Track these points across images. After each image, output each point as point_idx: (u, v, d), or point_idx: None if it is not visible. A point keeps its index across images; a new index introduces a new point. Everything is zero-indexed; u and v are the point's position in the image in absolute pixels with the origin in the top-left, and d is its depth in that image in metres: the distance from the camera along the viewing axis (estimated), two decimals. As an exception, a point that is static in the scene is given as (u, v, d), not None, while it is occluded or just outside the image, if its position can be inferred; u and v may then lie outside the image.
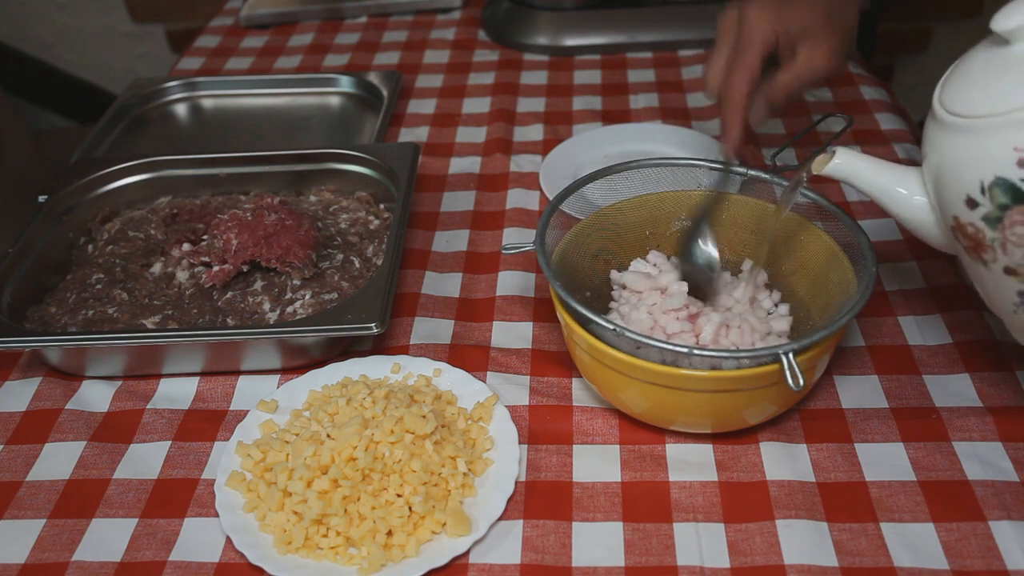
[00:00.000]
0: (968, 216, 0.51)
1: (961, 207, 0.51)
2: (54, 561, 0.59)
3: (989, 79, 0.50)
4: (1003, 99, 0.48)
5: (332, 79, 1.13)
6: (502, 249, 0.68)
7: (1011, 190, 0.48)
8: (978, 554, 0.55)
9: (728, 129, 0.70)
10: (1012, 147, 0.47)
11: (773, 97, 0.69)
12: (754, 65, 0.67)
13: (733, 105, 0.68)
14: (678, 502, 0.60)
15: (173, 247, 0.81)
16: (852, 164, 0.58)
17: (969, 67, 0.52)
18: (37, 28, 2.03)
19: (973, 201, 0.50)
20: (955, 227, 0.53)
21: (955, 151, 0.51)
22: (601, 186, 0.72)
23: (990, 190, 0.49)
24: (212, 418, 0.68)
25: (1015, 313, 0.53)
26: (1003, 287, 0.52)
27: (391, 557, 0.56)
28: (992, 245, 0.50)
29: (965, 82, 0.52)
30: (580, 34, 1.21)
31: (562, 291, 0.60)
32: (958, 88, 0.52)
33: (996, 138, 0.48)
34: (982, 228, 0.50)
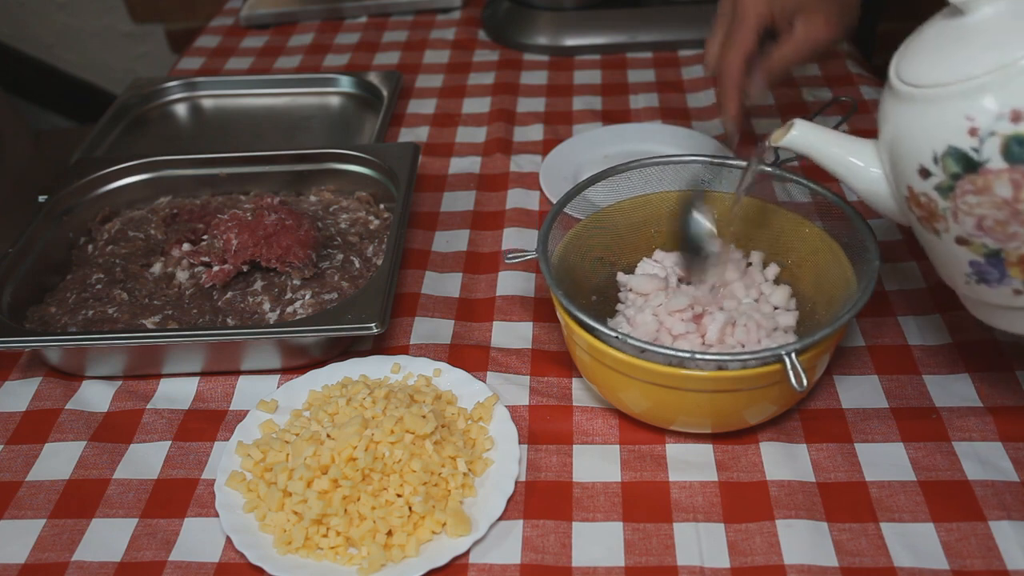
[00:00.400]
0: (921, 186, 0.51)
1: (914, 177, 0.51)
2: (54, 561, 0.59)
3: (942, 49, 0.50)
4: (955, 69, 0.49)
5: (332, 79, 1.13)
6: (505, 259, 0.68)
7: (962, 159, 0.48)
8: (978, 554, 0.55)
9: (725, 103, 0.70)
10: (964, 116, 0.48)
11: (771, 71, 0.69)
12: (748, 40, 0.67)
13: (728, 80, 0.68)
14: (678, 502, 0.60)
15: (173, 247, 0.81)
16: (809, 136, 0.58)
17: (924, 38, 0.53)
18: (37, 28, 2.03)
19: (926, 171, 0.50)
20: (909, 197, 0.53)
21: (909, 121, 0.51)
22: (601, 186, 0.72)
23: (942, 159, 0.49)
24: (212, 418, 0.68)
25: (967, 284, 0.54)
26: (955, 257, 0.52)
27: (391, 557, 0.56)
28: (944, 215, 0.51)
29: (920, 53, 0.52)
30: (580, 34, 1.20)
31: (564, 300, 0.60)
32: (913, 59, 0.52)
33: (948, 107, 0.48)
34: (934, 198, 0.51)
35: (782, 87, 1.07)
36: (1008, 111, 0.46)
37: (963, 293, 0.56)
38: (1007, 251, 0.49)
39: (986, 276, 0.52)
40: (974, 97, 0.47)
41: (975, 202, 0.49)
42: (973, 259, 0.51)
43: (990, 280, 0.52)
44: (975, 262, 0.52)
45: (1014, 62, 0.46)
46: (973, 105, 0.47)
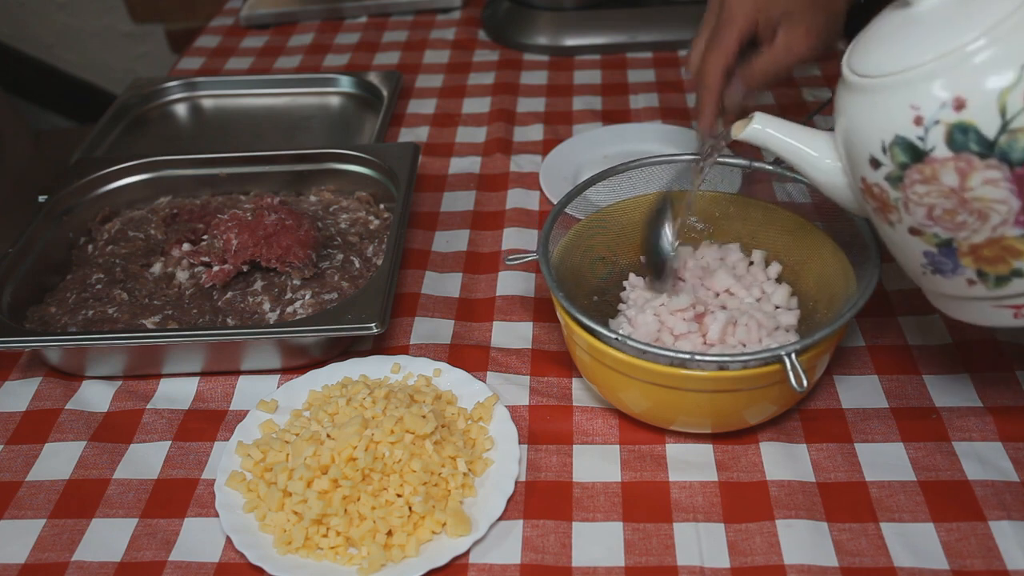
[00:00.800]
0: (873, 176, 0.51)
1: (866, 168, 0.51)
2: (54, 561, 0.59)
3: (890, 39, 0.50)
4: (901, 58, 0.49)
5: (332, 79, 1.13)
6: (505, 261, 0.68)
7: (909, 148, 0.48)
8: (978, 554, 0.55)
9: (701, 109, 0.69)
10: (908, 105, 0.48)
11: (750, 79, 0.68)
12: (729, 47, 0.66)
13: (707, 86, 0.67)
14: (678, 502, 0.60)
15: (173, 247, 0.81)
16: (768, 128, 0.58)
17: (874, 30, 0.53)
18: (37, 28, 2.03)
19: (876, 161, 0.50)
20: (863, 188, 0.53)
21: (859, 111, 0.51)
22: (601, 186, 0.72)
23: (890, 149, 0.49)
24: (212, 418, 0.68)
25: (924, 275, 0.54)
26: (910, 248, 0.52)
27: (391, 557, 0.56)
28: (896, 205, 0.51)
29: (869, 44, 0.52)
30: (580, 34, 1.20)
31: (565, 302, 0.60)
32: (863, 50, 0.52)
33: (894, 97, 0.48)
34: (886, 188, 0.51)
35: (782, 87, 1.07)
36: (951, 99, 0.46)
37: (922, 285, 0.56)
38: (958, 240, 0.49)
39: (940, 267, 0.52)
40: (918, 86, 0.47)
41: (924, 191, 0.49)
42: (927, 249, 0.51)
43: (944, 271, 0.52)
44: (929, 252, 0.51)
45: (956, 49, 0.46)
46: (917, 94, 0.47)
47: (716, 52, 0.66)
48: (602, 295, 0.71)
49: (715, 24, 0.67)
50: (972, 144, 0.46)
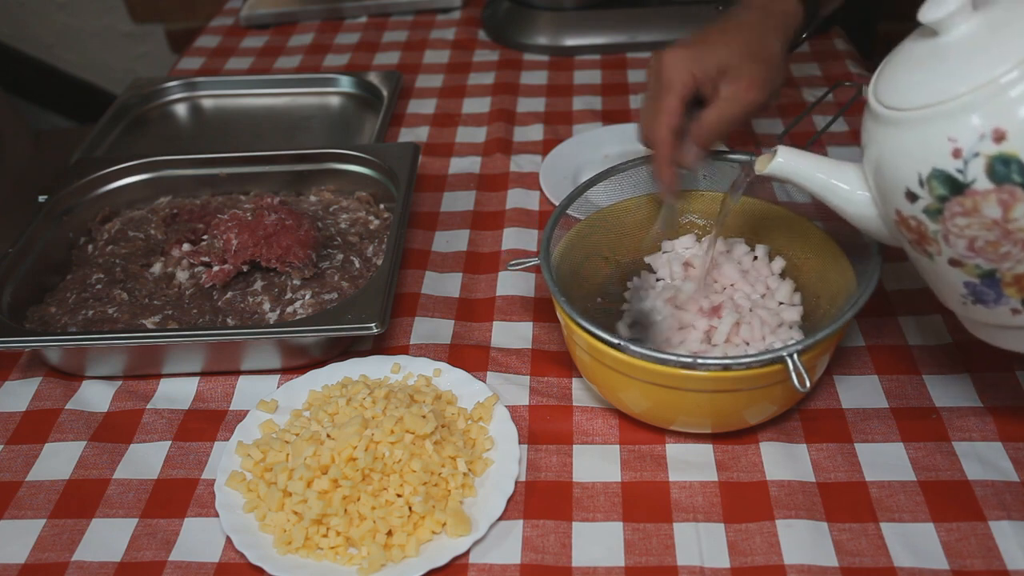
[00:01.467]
0: (909, 209, 0.51)
1: (902, 200, 0.51)
2: (54, 561, 0.59)
3: (921, 70, 0.50)
4: (935, 90, 0.48)
5: (332, 79, 1.13)
6: (507, 266, 0.68)
7: (948, 181, 0.48)
8: (978, 554, 0.55)
9: (658, 175, 0.68)
10: (946, 137, 0.47)
11: (700, 138, 0.67)
12: (672, 109, 0.66)
13: (659, 149, 0.67)
14: (678, 502, 0.60)
15: (173, 247, 0.81)
16: (794, 162, 0.58)
17: (901, 59, 0.53)
18: (37, 28, 2.03)
19: (913, 194, 0.50)
20: (898, 220, 0.53)
21: (892, 144, 0.51)
22: (602, 185, 0.72)
23: (928, 182, 0.49)
24: (212, 418, 0.68)
25: (964, 305, 0.53)
26: (950, 279, 0.52)
27: (391, 557, 0.56)
28: (935, 237, 0.50)
29: (897, 75, 0.52)
30: (580, 34, 1.20)
31: (567, 307, 0.60)
32: (891, 81, 0.52)
33: (930, 130, 0.48)
34: (924, 221, 0.50)
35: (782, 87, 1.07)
36: (991, 130, 0.46)
37: (961, 314, 0.56)
38: (1001, 271, 0.49)
39: (982, 297, 0.51)
40: (956, 118, 0.47)
41: (965, 224, 0.48)
42: (968, 280, 0.51)
43: (986, 301, 0.51)
44: (970, 283, 0.51)
45: (994, 80, 0.46)
46: (955, 126, 0.47)
47: (660, 116, 0.66)
48: (604, 296, 0.71)
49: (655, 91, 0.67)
50: (1015, 175, 0.46)
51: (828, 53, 1.16)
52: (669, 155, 0.67)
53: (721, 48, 0.66)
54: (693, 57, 0.65)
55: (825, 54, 1.16)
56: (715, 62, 0.65)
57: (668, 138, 0.66)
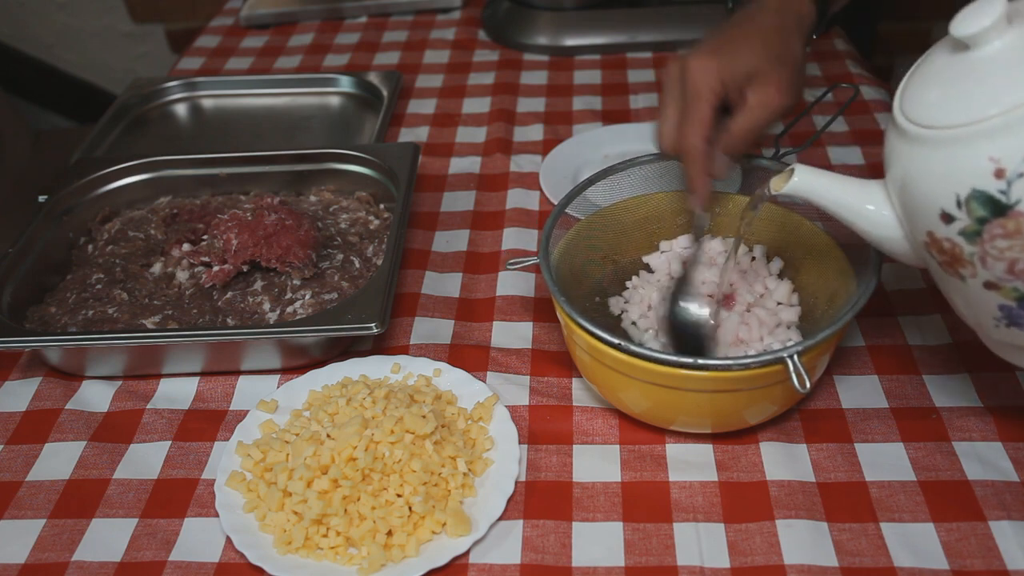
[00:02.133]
0: (944, 231, 0.49)
1: (935, 222, 0.49)
2: (54, 561, 0.59)
3: (954, 87, 0.48)
4: (972, 108, 0.46)
5: (332, 79, 1.13)
6: (506, 265, 0.68)
7: (989, 202, 0.46)
8: (978, 554, 0.55)
9: (694, 186, 0.67)
10: (987, 157, 0.45)
11: (731, 146, 0.66)
12: (706, 117, 0.64)
13: (693, 160, 0.65)
14: (678, 502, 0.60)
15: (173, 247, 0.81)
16: (811, 181, 0.56)
17: (929, 75, 0.51)
18: (37, 28, 2.03)
19: (949, 216, 0.48)
20: (928, 242, 0.51)
21: (924, 164, 0.49)
22: (601, 185, 0.72)
23: (967, 203, 0.47)
24: (212, 418, 0.68)
25: (996, 327, 0.52)
26: (983, 302, 0.50)
27: (391, 557, 0.56)
28: (971, 260, 0.48)
29: (927, 91, 0.50)
30: (580, 34, 1.21)
31: (567, 306, 0.60)
32: (920, 97, 0.50)
33: (969, 149, 0.46)
34: (959, 243, 0.48)
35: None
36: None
37: (989, 336, 0.54)
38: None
39: (1018, 320, 0.50)
40: (997, 137, 0.45)
41: (1006, 246, 0.46)
42: (1004, 303, 0.49)
43: (1022, 324, 0.50)
44: (1006, 306, 0.49)
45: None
46: (997, 145, 0.45)
47: (693, 125, 0.65)
48: (603, 295, 0.71)
49: (682, 100, 0.66)
50: None
51: (828, 53, 1.16)
52: (704, 166, 0.65)
53: (747, 53, 0.64)
54: (720, 63, 0.64)
55: (825, 54, 1.16)
56: (743, 68, 0.64)
57: (703, 148, 0.65)
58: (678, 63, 0.66)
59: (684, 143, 0.65)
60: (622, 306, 0.71)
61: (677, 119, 0.66)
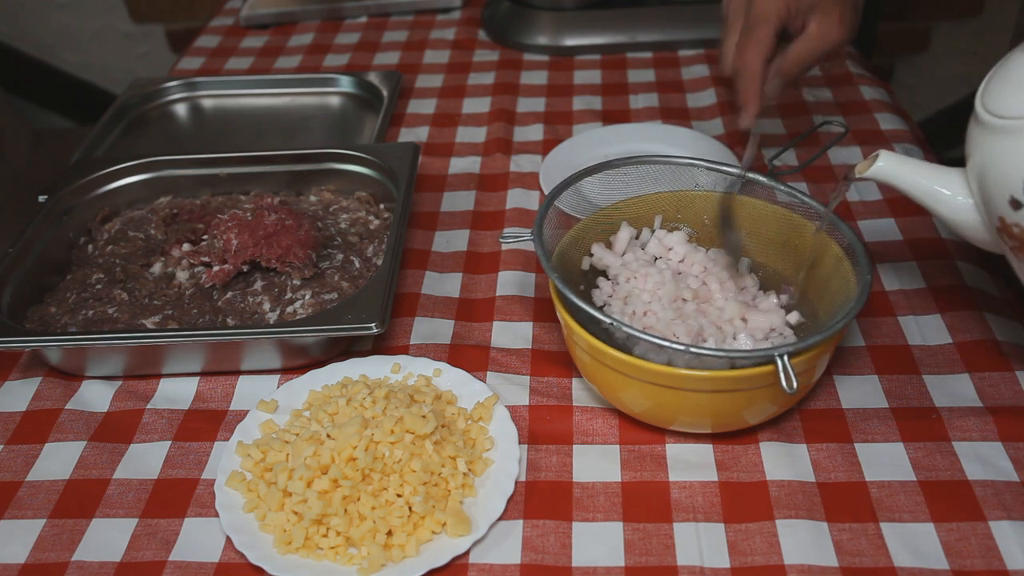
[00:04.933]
0: (1013, 216, 0.51)
1: (1005, 207, 0.51)
2: (54, 561, 0.59)
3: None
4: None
5: (332, 79, 1.13)
6: (499, 239, 0.68)
7: None
8: (978, 554, 0.55)
9: (747, 102, 0.71)
10: None
11: (787, 70, 0.70)
12: (768, 39, 0.68)
13: (750, 78, 0.69)
14: (678, 502, 0.60)
15: (173, 247, 0.81)
16: (894, 167, 0.59)
17: (1010, 70, 0.53)
18: (37, 28, 2.03)
19: (1017, 201, 0.50)
20: (1000, 228, 0.53)
21: (997, 152, 0.51)
22: (601, 186, 0.72)
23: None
24: (212, 418, 0.68)
25: None
26: None
27: (391, 557, 0.56)
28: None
29: (1007, 84, 0.52)
30: (580, 34, 1.21)
31: (559, 282, 0.60)
32: (1000, 90, 0.52)
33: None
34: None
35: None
36: None
37: None
38: None
39: None
40: None
41: None
42: None
43: None
44: None
45: None
46: None
47: (755, 46, 0.69)
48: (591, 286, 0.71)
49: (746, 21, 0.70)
50: None
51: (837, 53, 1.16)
52: (760, 86, 0.69)
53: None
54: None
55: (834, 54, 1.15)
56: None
57: (761, 69, 0.69)
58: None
59: (743, 61, 0.69)
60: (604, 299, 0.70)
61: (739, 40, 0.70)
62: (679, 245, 0.71)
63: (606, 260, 0.69)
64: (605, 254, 0.70)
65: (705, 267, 0.69)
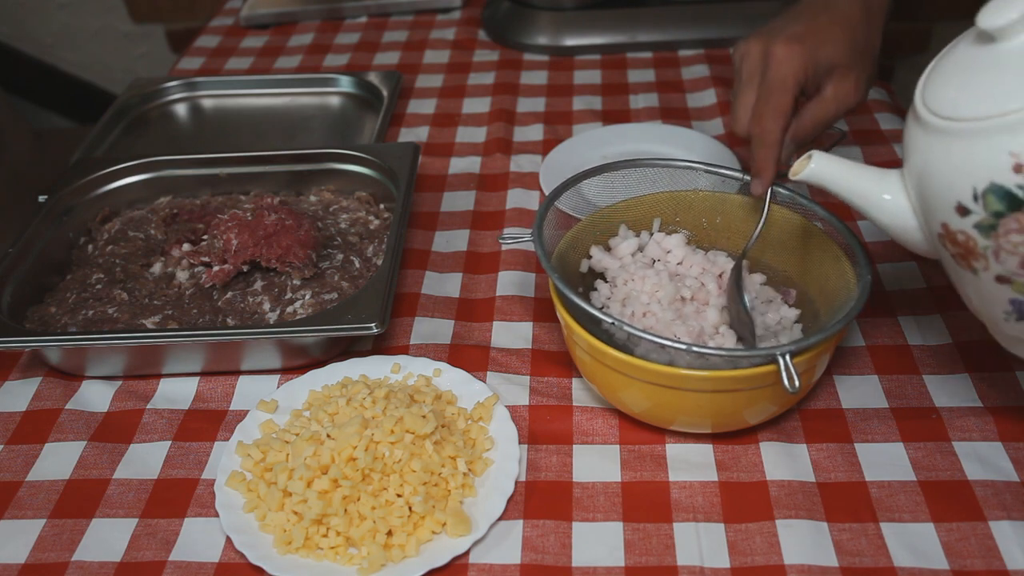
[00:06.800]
0: (959, 223, 0.49)
1: (950, 214, 0.49)
2: (54, 561, 0.59)
3: (976, 79, 0.48)
4: (995, 101, 0.46)
5: (332, 79, 1.13)
6: (499, 239, 0.68)
7: (1007, 197, 0.46)
8: (978, 554, 0.55)
9: (763, 171, 0.67)
10: (1008, 152, 0.45)
11: (802, 134, 0.67)
12: (787, 106, 0.65)
13: (768, 147, 0.66)
14: (678, 502, 0.60)
15: (173, 247, 0.81)
16: (828, 168, 0.56)
17: (953, 66, 0.50)
18: (37, 28, 2.03)
19: (964, 208, 0.48)
20: (943, 234, 0.51)
21: (943, 156, 0.49)
22: (600, 186, 0.72)
23: (984, 197, 0.47)
24: (212, 418, 0.68)
25: (1006, 321, 0.52)
26: (994, 295, 0.50)
27: (391, 557, 0.56)
28: (984, 253, 0.48)
29: (950, 82, 0.50)
30: (580, 34, 1.21)
31: (560, 283, 0.60)
32: (942, 88, 0.50)
33: (990, 142, 0.46)
34: (974, 236, 0.48)
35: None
36: None
37: (1000, 330, 0.54)
38: None
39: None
40: (1017, 132, 0.45)
41: (1020, 240, 0.46)
42: (1014, 297, 0.49)
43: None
44: (1016, 300, 0.49)
45: None
46: (1017, 140, 0.45)
47: (774, 114, 0.65)
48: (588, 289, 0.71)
49: (764, 84, 0.66)
50: None
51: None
52: (777, 156, 0.66)
53: (832, 44, 0.65)
54: (807, 52, 0.64)
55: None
56: (827, 60, 0.64)
57: (779, 137, 0.65)
58: (761, 46, 0.67)
59: (761, 129, 0.66)
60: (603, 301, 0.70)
61: (754, 103, 0.67)
62: (678, 248, 0.70)
63: (604, 263, 0.69)
64: (604, 256, 0.69)
65: (704, 268, 0.69)
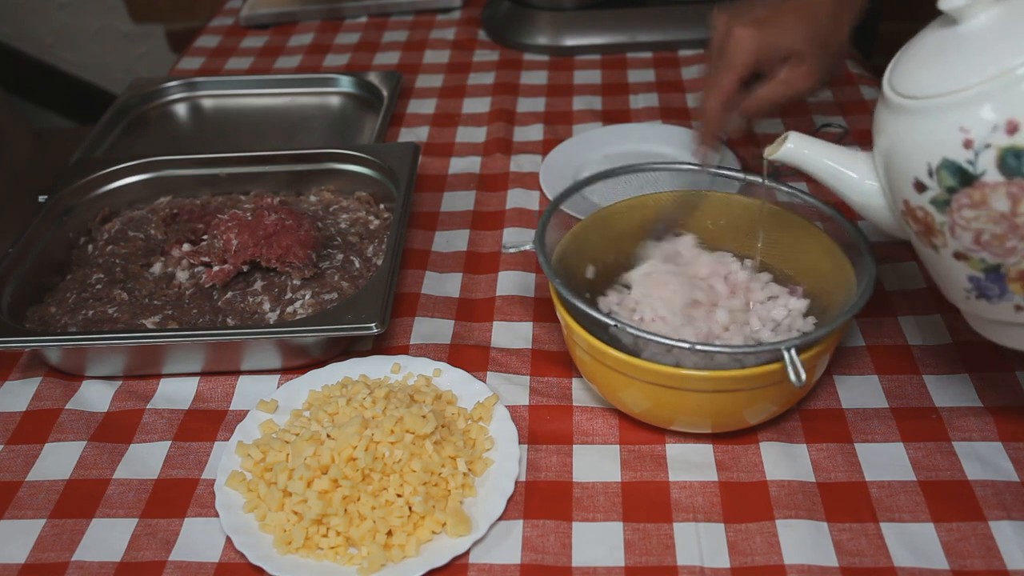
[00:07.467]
0: (917, 200, 0.50)
1: (910, 190, 0.50)
2: (54, 561, 0.59)
3: (936, 59, 0.49)
4: (949, 79, 0.47)
5: (332, 79, 1.13)
6: (502, 248, 0.68)
7: (958, 172, 0.47)
8: (978, 554, 0.55)
9: (702, 139, 0.73)
10: (958, 127, 0.46)
11: (748, 110, 0.71)
12: (728, 87, 0.69)
13: (707, 120, 0.71)
14: (678, 502, 0.60)
15: (173, 247, 0.81)
16: (802, 148, 0.58)
17: (918, 48, 0.52)
18: (37, 28, 2.03)
19: (921, 184, 0.49)
20: (905, 211, 0.52)
21: (903, 133, 0.50)
22: (601, 186, 0.72)
23: (937, 172, 0.48)
24: (212, 418, 0.68)
25: (967, 299, 0.53)
26: (954, 272, 0.51)
27: (391, 557, 0.56)
28: (941, 229, 0.49)
29: (913, 63, 0.51)
30: (580, 34, 1.20)
31: (562, 288, 0.60)
32: (906, 69, 0.51)
33: (942, 119, 0.47)
34: (931, 212, 0.49)
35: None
36: (1004, 122, 0.45)
37: (964, 309, 0.55)
38: (1007, 266, 0.48)
39: (986, 292, 0.51)
40: (969, 108, 0.46)
41: (972, 216, 0.48)
42: (972, 274, 0.50)
43: (990, 296, 0.51)
44: (974, 277, 0.50)
45: (1009, 71, 0.45)
46: (968, 116, 0.46)
47: (715, 92, 0.70)
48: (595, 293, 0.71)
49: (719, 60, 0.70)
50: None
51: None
52: (715, 129, 0.71)
53: (791, 32, 0.68)
54: (762, 37, 0.67)
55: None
56: (783, 46, 0.68)
57: (717, 113, 0.70)
58: (724, 23, 0.70)
59: (704, 104, 0.71)
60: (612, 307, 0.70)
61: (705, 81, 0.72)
62: (688, 250, 0.71)
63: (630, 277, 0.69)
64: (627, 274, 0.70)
65: (712, 270, 0.69)
